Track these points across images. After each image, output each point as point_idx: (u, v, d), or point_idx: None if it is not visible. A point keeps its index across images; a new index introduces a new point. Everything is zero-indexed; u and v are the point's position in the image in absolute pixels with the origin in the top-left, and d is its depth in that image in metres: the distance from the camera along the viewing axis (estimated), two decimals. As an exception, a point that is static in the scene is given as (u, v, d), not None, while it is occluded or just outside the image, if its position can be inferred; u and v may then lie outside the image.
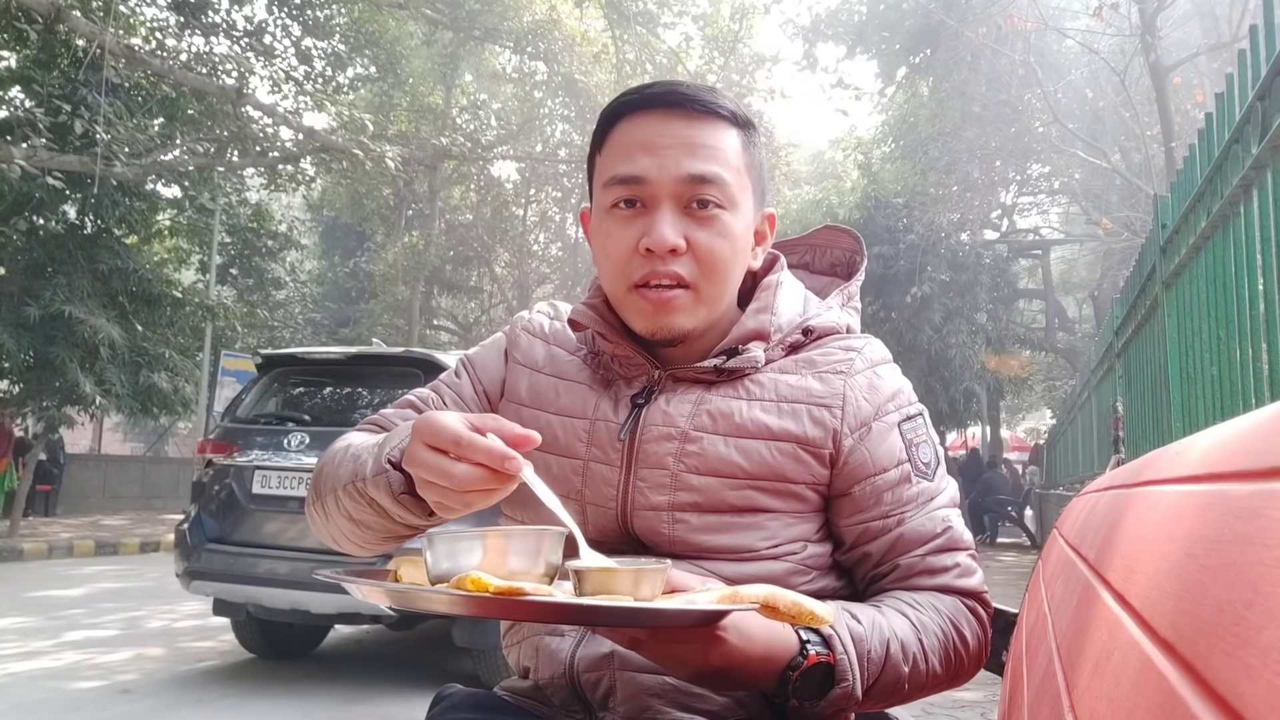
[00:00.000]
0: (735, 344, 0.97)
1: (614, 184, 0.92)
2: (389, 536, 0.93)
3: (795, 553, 0.93)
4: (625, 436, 0.95)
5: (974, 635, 0.94)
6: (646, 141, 0.91)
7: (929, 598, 0.93)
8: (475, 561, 0.72)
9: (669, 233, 0.89)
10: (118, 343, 10.19)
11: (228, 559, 4.25)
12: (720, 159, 0.91)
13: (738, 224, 0.93)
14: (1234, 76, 2.46)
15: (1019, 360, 18.01)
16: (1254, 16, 3.04)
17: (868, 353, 0.99)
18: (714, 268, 0.92)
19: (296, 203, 21.29)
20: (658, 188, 0.90)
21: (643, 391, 0.98)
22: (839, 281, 1.12)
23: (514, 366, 1.07)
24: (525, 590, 0.67)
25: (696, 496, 0.92)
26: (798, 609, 0.73)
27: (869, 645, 0.84)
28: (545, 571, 0.74)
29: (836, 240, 1.15)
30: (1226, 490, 0.29)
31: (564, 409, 1.00)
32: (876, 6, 18.43)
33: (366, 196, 17.71)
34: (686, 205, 0.91)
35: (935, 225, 15.20)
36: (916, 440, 0.97)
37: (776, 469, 0.92)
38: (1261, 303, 2.29)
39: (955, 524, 0.96)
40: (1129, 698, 0.31)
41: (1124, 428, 4.63)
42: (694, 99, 0.92)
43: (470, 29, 16.10)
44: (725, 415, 0.94)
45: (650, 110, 0.93)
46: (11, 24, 9.15)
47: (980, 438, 22.33)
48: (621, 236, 0.92)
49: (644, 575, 0.71)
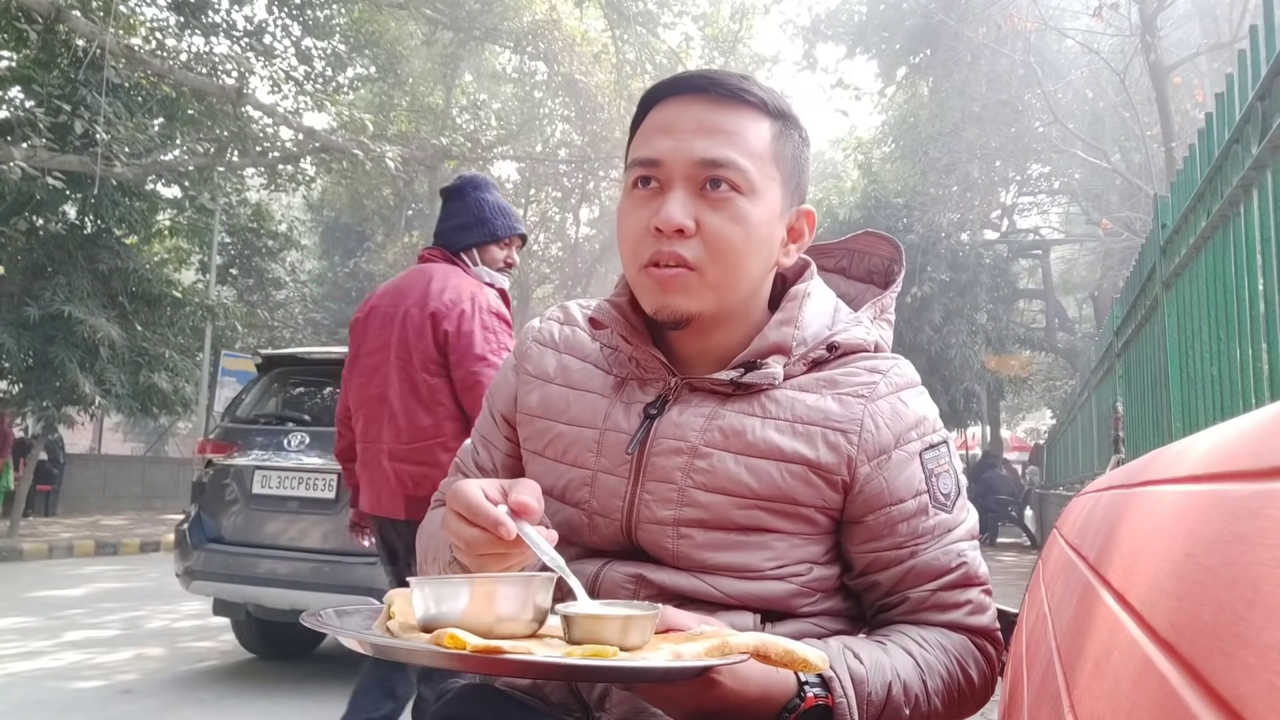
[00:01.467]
0: (755, 357, 0.94)
1: (634, 166, 0.93)
2: None
3: (800, 575, 0.92)
4: (634, 450, 0.94)
5: (980, 675, 0.92)
6: (667, 125, 0.91)
7: (936, 635, 0.91)
8: (461, 607, 0.72)
9: (676, 212, 0.88)
10: (118, 343, 10.20)
11: (228, 559, 4.25)
12: (738, 144, 0.90)
13: (755, 211, 0.91)
14: (1234, 76, 2.46)
15: (1019, 360, 18.02)
16: (1254, 16, 3.05)
17: (893, 375, 0.96)
18: (722, 252, 0.90)
19: (296, 203, 21.29)
20: (672, 169, 0.90)
21: (656, 401, 0.96)
22: (875, 289, 1.10)
23: (524, 379, 1.06)
24: (503, 649, 0.66)
25: (703, 513, 0.90)
26: (790, 657, 0.71)
27: (870, 687, 0.83)
28: (533, 617, 0.73)
29: (875, 247, 1.13)
30: (1226, 490, 0.29)
31: (575, 419, 0.99)
32: (876, 6, 18.43)
33: (366, 196, 17.70)
34: (701, 187, 0.90)
35: (935, 225, 15.21)
36: (938, 470, 0.94)
37: (786, 491, 0.90)
38: (1261, 303, 2.29)
39: (970, 559, 0.94)
40: (1129, 698, 0.31)
41: (1124, 428, 4.63)
42: (719, 84, 0.91)
43: (470, 29, 16.10)
44: (738, 433, 0.92)
45: (678, 96, 0.93)
46: (11, 24, 9.15)
47: (980, 438, 22.34)
48: (636, 217, 0.92)
49: (633, 623, 0.70)
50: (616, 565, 0.94)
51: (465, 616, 0.71)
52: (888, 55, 18.39)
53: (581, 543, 0.97)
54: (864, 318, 1.02)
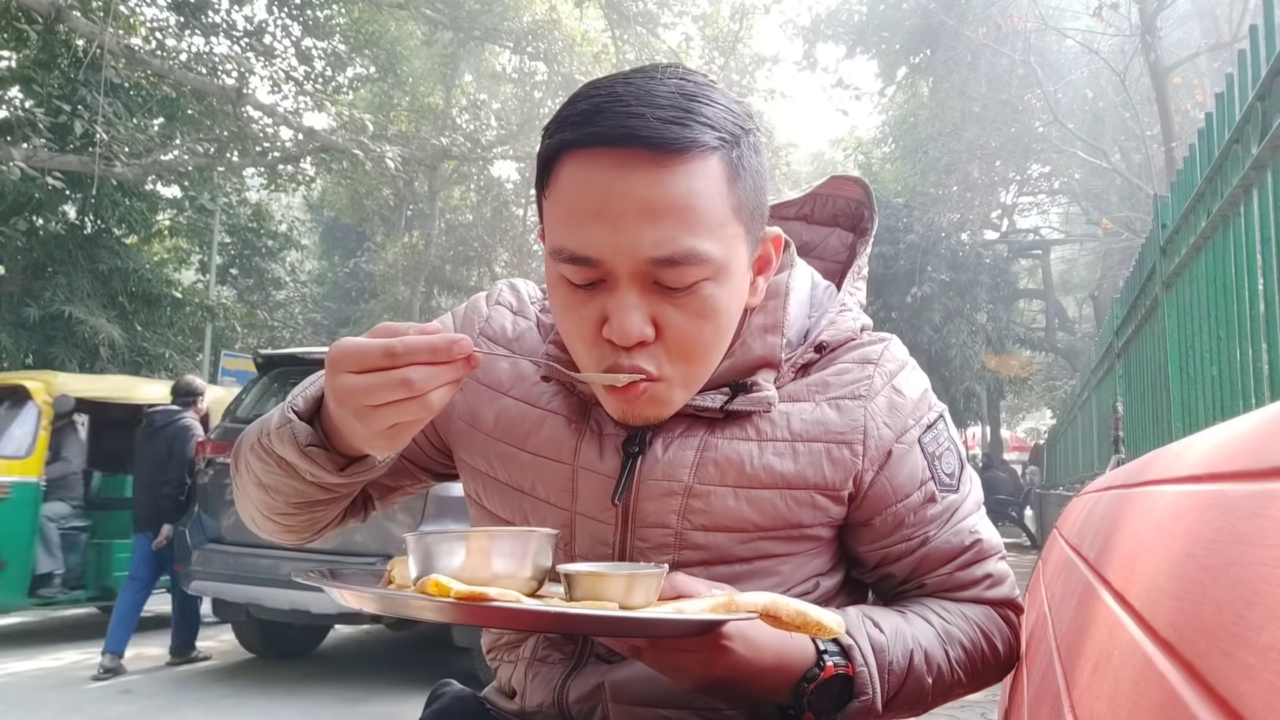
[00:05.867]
0: (740, 375, 0.83)
1: (562, 258, 0.73)
2: (301, 502, 0.85)
3: (808, 592, 0.87)
4: (619, 501, 0.82)
5: (1005, 643, 0.89)
6: (599, 207, 0.70)
7: (958, 606, 0.88)
8: (457, 562, 0.67)
9: (633, 323, 0.72)
10: (118, 343, 10.20)
11: (228, 559, 4.25)
12: (694, 222, 0.71)
13: (725, 292, 0.75)
14: (1234, 76, 2.45)
15: (1019, 360, 18.03)
16: (1254, 16, 3.04)
17: (885, 363, 0.87)
18: (692, 353, 0.76)
19: (296, 203, 21.29)
20: (615, 267, 0.71)
21: (634, 437, 0.83)
22: (840, 231, 1.01)
23: (472, 385, 0.90)
24: (489, 595, 0.61)
25: (704, 554, 0.82)
26: (803, 619, 0.66)
27: (891, 656, 0.78)
28: (532, 575, 0.70)
29: (841, 189, 1.00)
30: (1226, 490, 0.29)
31: (540, 449, 0.86)
32: (876, 6, 18.44)
33: (366, 196, 17.69)
34: (654, 280, 0.72)
35: (935, 225, 15.22)
36: (939, 451, 0.88)
37: (791, 519, 0.83)
38: (1261, 303, 2.29)
39: (983, 532, 0.89)
40: (1129, 698, 0.31)
41: (1124, 428, 4.62)
42: (659, 133, 0.69)
43: (470, 29, 16.10)
44: (734, 464, 0.81)
45: (604, 149, 0.70)
46: (11, 24, 9.16)
47: (980, 438, 22.35)
48: (579, 318, 0.75)
49: (638, 580, 0.66)
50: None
51: (460, 573, 0.67)
52: (888, 55, 18.40)
53: None
54: (845, 298, 0.92)
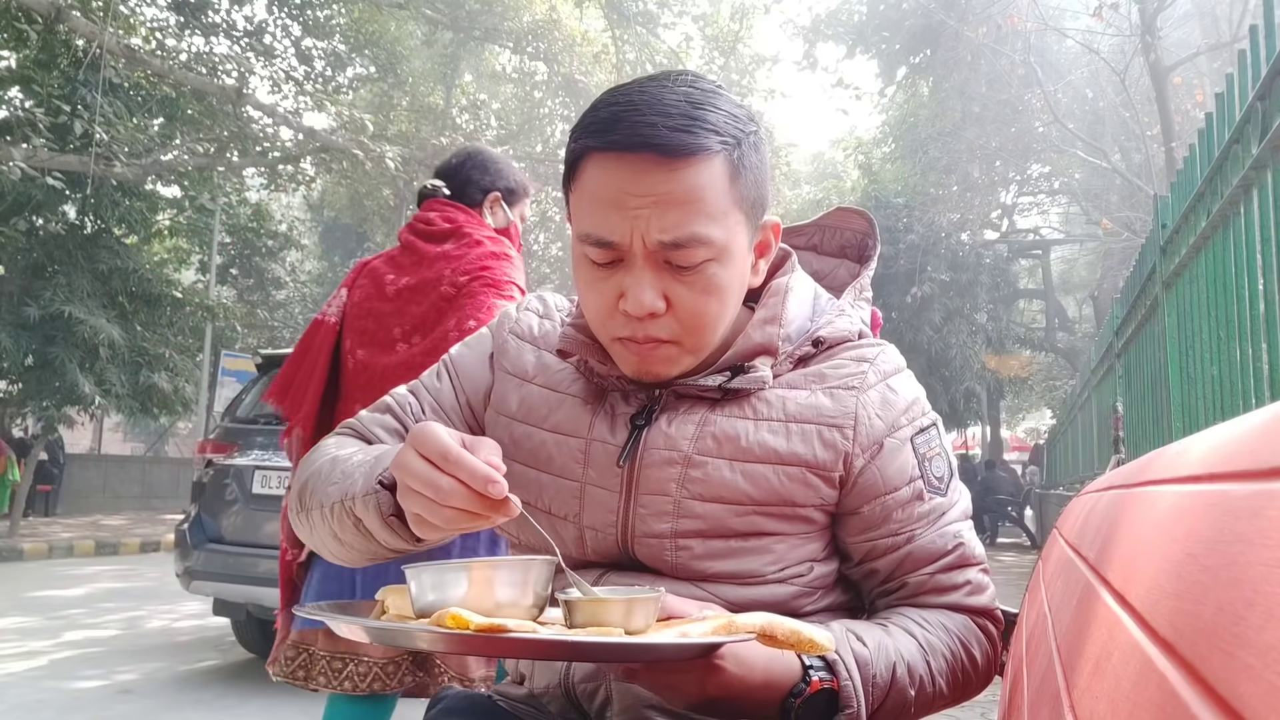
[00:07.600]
0: (740, 360, 0.91)
1: (587, 242, 0.85)
2: (372, 558, 0.91)
3: (802, 575, 0.91)
4: (625, 463, 0.90)
5: (983, 654, 0.92)
6: (617, 198, 0.82)
7: (938, 616, 0.91)
8: (460, 593, 0.70)
9: (646, 297, 0.83)
10: (118, 343, 10.20)
11: (228, 559, 4.25)
12: (700, 213, 0.82)
13: (728, 272, 0.86)
14: (1234, 76, 2.46)
15: (1019, 360, 18.03)
16: (1254, 16, 3.05)
17: (880, 363, 0.94)
18: (700, 324, 0.86)
19: (296, 203, 21.30)
20: (631, 249, 0.83)
21: (642, 411, 0.92)
22: (848, 264, 1.08)
23: (502, 375, 1.01)
24: (508, 627, 0.64)
25: (700, 524, 0.88)
26: (796, 637, 0.70)
27: (874, 669, 0.82)
28: (534, 602, 0.72)
29: (847, 221, 1.10)
30: (1226, 490, 0.29)
31: (558, 426, 0.95)
32: (876, 6, 18.44)
33: (367, 196, 17.69)
34: (666, 261, 0.84)
35: (935, 225, 15.23)
36: (929, 454, 0.93)
37: (784, 494, 0.88)
38: (1261, 303, 2.29)
39: (967, 539, 0.93)
40: (1129, 698, 0.31)
41: (1124, 428, 4.63)
42: (669, 138, 0.80)
43: (470, 29, 16.11)
44: (731, 438, 0.89)
45: (619, 153, 0.82)
46: (11, 24, 9.15)
47: (980, 438, 22.35)
48: (599, 292, 0.87)
49: (636, 605, 0.69)
50: (614, 576, 0.92)
51: (465, 603, 0.69)
52: (888, 55, 18.42)
53: (568, 555, 0.94)
54: (845, 305, 0.99)
